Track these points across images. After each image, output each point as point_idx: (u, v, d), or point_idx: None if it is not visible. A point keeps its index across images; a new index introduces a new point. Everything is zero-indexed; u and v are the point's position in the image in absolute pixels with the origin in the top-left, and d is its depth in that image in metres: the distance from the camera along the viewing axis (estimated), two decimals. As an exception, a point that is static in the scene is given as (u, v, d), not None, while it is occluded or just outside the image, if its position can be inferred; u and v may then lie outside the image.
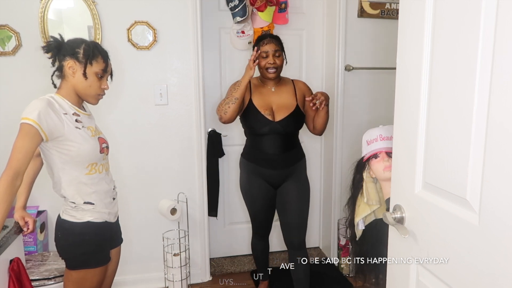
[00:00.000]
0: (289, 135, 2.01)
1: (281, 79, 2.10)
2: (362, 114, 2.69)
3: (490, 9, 0.75)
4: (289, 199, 2.05)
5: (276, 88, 2.06)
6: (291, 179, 2.05)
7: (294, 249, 2.09)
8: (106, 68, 1.47)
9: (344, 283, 2.57)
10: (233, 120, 1.99)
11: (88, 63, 1.41)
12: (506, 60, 0.72)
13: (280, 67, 2.01)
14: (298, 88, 2.07)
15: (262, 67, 2.00)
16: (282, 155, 2.01)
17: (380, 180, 1.50)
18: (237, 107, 1.95)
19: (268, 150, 2.00)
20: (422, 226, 1.00)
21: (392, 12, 2.60)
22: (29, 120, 1.27)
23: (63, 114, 1.37)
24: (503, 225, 0.75)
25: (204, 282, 2.60)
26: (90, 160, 1.44)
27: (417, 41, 0.96)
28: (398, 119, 1.08)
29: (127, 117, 2.35)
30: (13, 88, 2.16)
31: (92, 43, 1.46)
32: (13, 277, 1.40)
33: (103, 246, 1.52)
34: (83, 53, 1.41)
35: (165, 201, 2.38)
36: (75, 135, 1.39)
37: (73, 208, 1.43)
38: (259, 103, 2.00)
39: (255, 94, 2.04)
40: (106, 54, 1.49)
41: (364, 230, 1.57)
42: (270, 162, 2.02)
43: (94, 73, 1.43)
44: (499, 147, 0.75)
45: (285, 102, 2.01)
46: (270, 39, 2.00)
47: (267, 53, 1.97)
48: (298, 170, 2.07)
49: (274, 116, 1.98)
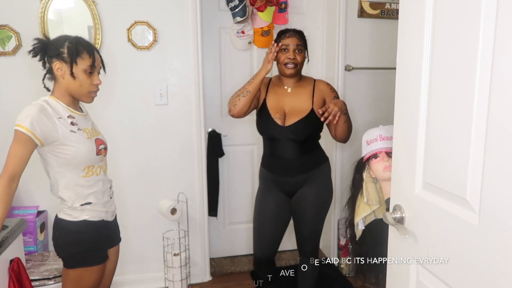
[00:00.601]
0: (302, 141, 1.84)
1: (302, 78, 1.92)
2: (362, 114, 2.68)
3: (490, 9, 0.75)
4: (304, 209, 1.91)
5: (293, 89, 1.88)
6: (308, 186, 1.89)
7: (305, 255, 2.01)
8: (93, 63, 1.42)
9: (344, 283, 2.57)
10: (242, 114, 1.85)
11: (74, 62, 1.37)
12: (506, 60, 0.72)
13: (301, 64, 1.84)
14: (318, 90, 1.87)
15: (281, 62, 1.83)
16: (297, 160, 1.85)
17: (380, 180, 1.50)
18: (249, 101, 1.80)
19: (282, 155, 1.86)
20: (422, 226, 1.00)
21: (392, 12, 2.60)
22: (22, 128, 1.29)
23: (57, 119, 1.37)
24: (503, 225, 0.75)
25: (204, 282, 2.60)
26: (86, 163, 1.44)
27: (417, 41, 0.96)
28: (398, 119, 1.08)
29: (127, 117, 2.35)
30: (13, 88, 2.16)
31: (75, 40, 1.40)
32: (13, 277, 1.40)
33: (100, 244, 1.52)
34: (67, 52, 1.37)
35: (165, 201, 2.38)
36: (70, 138, 1.38)
37: (69, 207, 1.43)
38: (272, 105, 1.86)
39: (270, 93, 1.89)
40: (91, 48, 1.43)
41: (364, 230, 1.57)
42: (284, 168, 1.87)
43: (82, 70, 1.39)
44: (499, 147, 0.75)
45: (299, 106, 1.84)
46: (293, 32, 1.85)
47: (287, 47, 1.81)
48: (316, 176, 1.90)
49: (285, 120, 1.83)
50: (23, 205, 2.22)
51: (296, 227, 1.99)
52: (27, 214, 2.09)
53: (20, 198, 2.25)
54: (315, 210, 1.92)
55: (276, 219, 1.95)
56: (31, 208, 2.14)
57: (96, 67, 1.44)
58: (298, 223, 1.97)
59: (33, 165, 1.44)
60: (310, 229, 1.95)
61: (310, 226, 1.94)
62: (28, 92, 1.45)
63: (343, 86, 2.61)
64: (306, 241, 1.98)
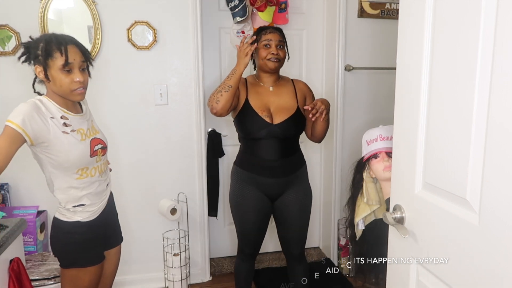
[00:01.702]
0: (288, 140, 1.82)
1: (280, 77, 1.91)
2: (362, 114, 2.69)
3: (490, 9, 0.75)
4: (289, 213, 1.88)
5: (274, 88, 1.86)
6: (291, 190, 1.86)
7: (294, 260, 1.99)
8: (67, 60, 1.31)
9: (344, 283, 2.57)
10: (225, 112, 1.75)
11: (46, 65, 1.31)
12: (506, 60, 0.72)
13: (283, 60, 1.82)
14: (299, 89, 1.89)
15: (262, 57, 1.79)
16: (282, 161, 1.81)
17: (380, 180, 1.50)
18: (231, 96, 1.72)
19: (266, 156, 1.80)
20: (422, 226, 1.00)
21: (392, 12, 2.60)
22: (13, 124, 1.25)
23: (50, 118, 1.33)
24: (503, 225, 0.75)
25: (204, 282, 2.60)
26: (79, 166, 1.40)
27: (417, 41, 0.96)
28: (398, 119, 1.08)
29: (127, 117, 2.35)
30: (13, 87, 2.16)
31: (47, 39, 1.32)
32: (13, 277, 1.40)
33: (93, 245, 1.48)
34: (41, 54, 1.31)
35: (165, 201, 2.38)
36: (62, 140, 1.34)
37: (63, 208, 1.43)
38: (256, 104, 1.80)
39: (251, 93, 1.83)
40: (63, 44, 1.32)
41: (364, 230, 1.57)
42: (268, 169, 1.81)
43: (57, 70, 1.32)
44: (499, 147, 0.75)
45: (285, 104, 1.82)
46: (273, 29, 1.83)
47: (269, 42, 1.78)
48: (299, 178, 1.88)
49: (273, 118, 1.79)
50: (23, 205, 2.22)
51: (282, 232, 1.95)
52: (27, 214, 2.09)
53: (20, 198, 2.25)
54: (301, 214, 1.90)
55: (260, 219, 1.90)
56: (31, 208, 2.14)
57: (73, 63, 1.33)
58: (284, 229, 1.93)
59: (33, 165, 1.45)
60: (297, 233, 1.92)
61: (297, 231, 1.92)
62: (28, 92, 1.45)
63: (343, 86, 2.61)
64: (294, 246, 1.95)
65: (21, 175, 2.21)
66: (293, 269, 2.01)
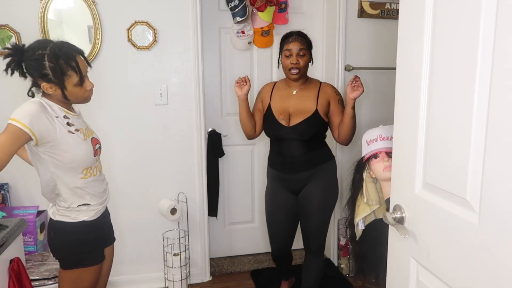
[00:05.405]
0: (306, 140, 1.89)
1: (308, 80, 1.98)
2: (362, 114, 2.68)
3: (490, 9, 0.75)
4: (308, 206, 1.95)
5: (298, 91, 1.94)
6: (312, 183, 1.93)
7: (311, 254, 2.04)
8: (81, 74, 1.35)
9: (344, 283, 2.57)
10: (253, 133, 2.02)
11: (64, 87, 1.33)
12: (506, 60, 0.72)
13: (304, 67, 1.89)
14: (323, 92, 1.92)
15: (285, 67, 1.90)
16: (302, 157, 1.90)
17: (380, 180, 1.50)
18: (245, 125, 1.98)
19: (287, 153, 1.91)
20: (422, 226, 1.00)
21: (392, 12, 2.60)
22: (19, 123, 1.23)
23: (55, 118, 1.34)
24: (503, 225, 0.75)
25: (204, 282, 2.60)
26: (85, 165, 1.42)
27: (417, 41, 0.96)
28: (398, 119, 1.08)
29: (127, 117, 2.35)
30: (13, 87, 2.16)
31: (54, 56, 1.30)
32: (13, 277, 1.40)
33: (98, 244, 1.51)
34: (52, 73, 1.31)
35: (165, 201, 2.38)
36: (68, 140, 1.35)
37: (66, 208, 1.43)
38: (276, 107, 1.94)
39: (274, 98, 1.97)
40: (71, 59, 1.33)
41: (364, 230, 1.58)
42: (289, 165, 1.93)
43: (73, 86, 1.35)
44: (499, 147, 0.75)
45: (303, 107, 1.89)
46: (295, 37, 1.88)
47: (290, 52, 1.86)
48: (321, 173, 1.94)
49: (290, 121, 1.89)
50: (23, 205, 2.22)
51: (302, 225, 2.03)
52: (27, 214, 2.09)
53: (20, 198, 2.25)
54: (319, 207, 1.94)
55: (287, 218, 2.02)
56: (31, 208, 2.14)
57: (84, 73, 1.39)
58: (304, 221, 2.00)
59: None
60: (314, 226, 1.97)
61: (314, 223, 1.96)
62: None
63: (343, 86, 2.61)
64: (311, 239, 2.01)
65: (21, 175, 2.20)
66: (307, 263, 2.06)
